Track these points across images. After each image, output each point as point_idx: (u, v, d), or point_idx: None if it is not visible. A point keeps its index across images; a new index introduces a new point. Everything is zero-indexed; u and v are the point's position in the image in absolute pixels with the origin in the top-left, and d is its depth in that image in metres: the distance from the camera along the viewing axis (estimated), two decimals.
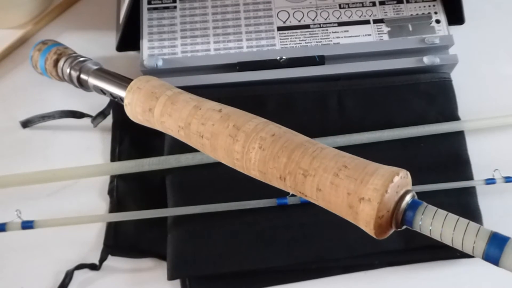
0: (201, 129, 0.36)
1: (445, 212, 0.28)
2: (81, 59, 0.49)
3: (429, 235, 0.29)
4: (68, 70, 0.49)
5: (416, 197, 0.30)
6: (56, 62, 0.50)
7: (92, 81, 0.47)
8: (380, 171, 0.29)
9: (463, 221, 0.28)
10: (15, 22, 0.57)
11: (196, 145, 0.37)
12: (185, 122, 0.37)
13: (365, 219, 0.29)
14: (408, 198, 0.29)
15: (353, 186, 0.29)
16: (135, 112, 0.40)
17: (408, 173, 0.30)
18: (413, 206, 0.29)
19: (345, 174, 0.30)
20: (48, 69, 0.51)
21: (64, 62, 0.49)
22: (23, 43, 0.58)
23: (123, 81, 0.43)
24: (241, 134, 0.34)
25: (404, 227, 0.30)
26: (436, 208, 0.29)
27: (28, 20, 0.58)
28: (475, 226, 0.27)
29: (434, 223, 0.28)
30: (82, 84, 0.49)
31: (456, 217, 0.28)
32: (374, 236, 0.30)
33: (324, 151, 0.31)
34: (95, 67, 0.48)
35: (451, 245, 0.28)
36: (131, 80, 0.41)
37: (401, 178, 0.29)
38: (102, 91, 0.46)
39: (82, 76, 0.48)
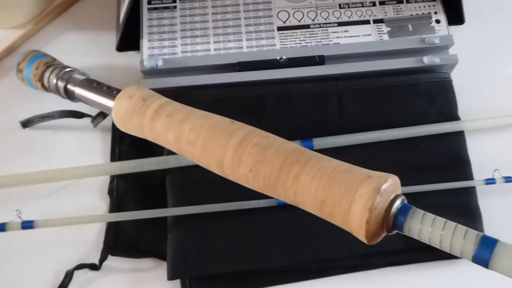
0: (190, 157, 0.37)
1: (433, 216, 0.29)
2: (68, 69, 0.49)
3: (418, 239, 0.29)
4: (54, 81, 0.48)
5: (405, 201, 0.30)
6: (42, 74, 0.49)
7: (79, 91, 0.46)
8: (360, 190, 0.29)
9: (451, 224, 0.28)
10: (15, 22, 0.57)
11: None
12: (173, 147, 0.38)
13: (355, 232, 0.30)
14: (397, 203, 0.30)
15: (341, 213, 0.31)
16: (127, 131, 0.41)
17: (396, 178, 0.30)
18: (402, 211, 0.29)
19: (327, 212, 0.31)
20: (33, 81, 0.50)
21: (51, 72, 0.49)
22: (23, 43, 0.57)
23: (110, 94, 0.42)
24: (224, 169, 0.35)
25: (395, 231, 0.30)
26: (424, 211, 0.29)
27: (28, 20, 0.58)
28: (462, 228, 0.28)
29: (423, 226, 0.28)
30: (68, 95, 0.48)
31: (444, 220, 0.28)
32: (367, 243, 0.30)
33: (301, 180, 0.32)
34: (82, 77, 0.47)
35: (439, 248, 0.28)
36: (119, 90, 0.41)
37: (381, 196, 0.29)
38: (89, 103, 0.45)
39: (69, 86, 0.47)
